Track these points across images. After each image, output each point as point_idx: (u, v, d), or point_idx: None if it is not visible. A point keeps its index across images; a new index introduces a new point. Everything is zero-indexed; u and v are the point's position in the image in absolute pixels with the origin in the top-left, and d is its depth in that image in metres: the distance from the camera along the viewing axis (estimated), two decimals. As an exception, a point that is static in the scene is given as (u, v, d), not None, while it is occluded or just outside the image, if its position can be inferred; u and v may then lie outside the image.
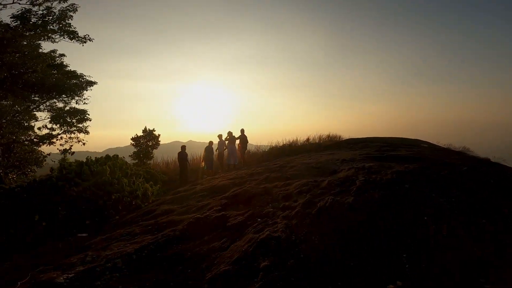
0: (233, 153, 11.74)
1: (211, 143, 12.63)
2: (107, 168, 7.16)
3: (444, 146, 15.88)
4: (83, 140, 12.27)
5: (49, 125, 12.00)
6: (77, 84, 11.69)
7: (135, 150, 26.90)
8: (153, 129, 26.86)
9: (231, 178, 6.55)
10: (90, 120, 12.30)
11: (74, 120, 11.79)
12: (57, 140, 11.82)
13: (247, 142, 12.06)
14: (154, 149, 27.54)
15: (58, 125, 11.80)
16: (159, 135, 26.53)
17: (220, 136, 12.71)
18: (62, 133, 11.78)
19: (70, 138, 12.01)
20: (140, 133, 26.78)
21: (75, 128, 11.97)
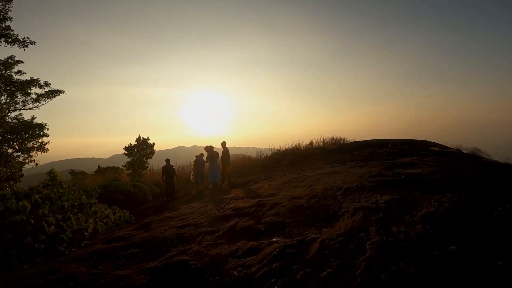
0: (215, 170, 9.92)
1: (201, 155, 11.21)
2: (27, 204, 5.34)
3: (454, 148, 14.40)
4: (35, 160, 10.50)
5: None
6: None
7: (129, 160, 25.17)
8: (147, 137, 25.09)
9: (185, 225, 4.55)
10: (48, 136, 10.55)
11: (27, 135, 10.00)
12: (12, 159, 10.10)
13: (229, 158, 10.22)
14: (149, 159, 25.78)
15: (11, 142, 10.06)
16: (153, 143, 24.81)
17: (206, 148, 11.10)
18: (17, 151, 10.06)
19: (29, 156, 10.27)
20: (134, 142, 25.06)
21: (32, 145, 10.22)
